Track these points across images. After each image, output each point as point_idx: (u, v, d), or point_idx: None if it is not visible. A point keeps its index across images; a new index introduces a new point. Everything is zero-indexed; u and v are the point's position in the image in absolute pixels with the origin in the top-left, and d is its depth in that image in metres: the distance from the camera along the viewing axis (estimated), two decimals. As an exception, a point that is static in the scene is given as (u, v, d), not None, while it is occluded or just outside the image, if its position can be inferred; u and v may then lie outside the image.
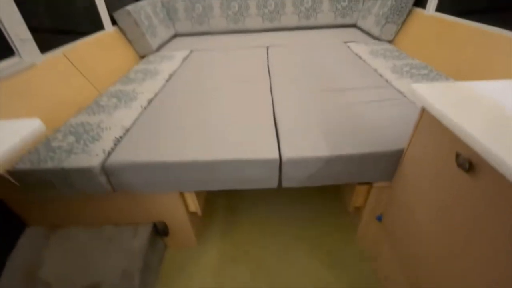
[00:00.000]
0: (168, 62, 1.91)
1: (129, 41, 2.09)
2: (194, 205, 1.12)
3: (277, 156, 0.91)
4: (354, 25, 2.61)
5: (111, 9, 1.94)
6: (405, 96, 1.24)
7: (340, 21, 2.58)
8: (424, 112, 0.74)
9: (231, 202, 1.55)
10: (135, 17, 1.97)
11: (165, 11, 2.52)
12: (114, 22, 2.01)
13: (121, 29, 2.04)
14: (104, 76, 1.65)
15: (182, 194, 1.07)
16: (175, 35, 2.69)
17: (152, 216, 1.14)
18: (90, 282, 1.03)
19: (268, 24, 2.61)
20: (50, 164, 0.93)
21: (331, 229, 1.34)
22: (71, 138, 1.07)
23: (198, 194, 1.12)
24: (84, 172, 0.92)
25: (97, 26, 1.86)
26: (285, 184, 0.98)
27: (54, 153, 0.99)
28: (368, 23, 2.28)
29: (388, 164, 0.93)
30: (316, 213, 1.44)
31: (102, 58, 1.73)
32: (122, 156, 0.95)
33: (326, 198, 1.53)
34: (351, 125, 1.03)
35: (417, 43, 1.85)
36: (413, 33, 1.94)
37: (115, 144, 1.04)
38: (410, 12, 2.03)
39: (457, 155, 0.61)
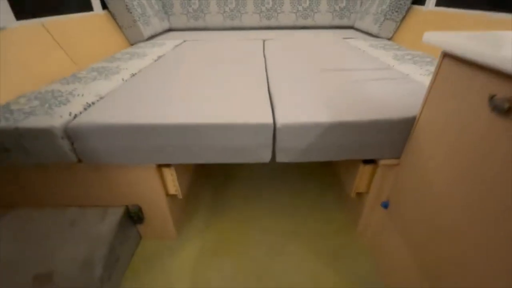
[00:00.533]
0: (159, 48, 1.81)
1: (120, 27, 1.99)
2: (173, 185, 0.97)
3: (271, 121, 0.79)
4: (351, 27, 2.59)
5: (102, -8, 1.87)
6: (410, 77, 1.15)
7: (337, 22, 2.56)
8: (443, 61, 0.63)
9: (217, 189, 1.40)
10: (126, 2, 1.89)
11: (161, 4, 2.47)
12: (105, 7, 1.93)
13: (111, 14, 1.95)
14: (88, 55, 1.53)
15: (159, 170, 0.93)
16: (169, 30, 2.62)
17: (124, 197, 0.98)
18: (41, 272, 0.85)
19: (265, 22, 2.57)
20: (3, 124, 0.79)
21: (329, 219, 1.20)
22: (35, 103, 0.93)
23: (179, 175, 0.98)
24: (43, 134, 0.78)
25: (85, 7, 1.77)
26: (279, 157, 0.85)
27: (11, 114, 0.84)
28: (366, 22, 2.26)
29: (396, 135, 0.81)
30: (313, 202, 1.30)
31: (87, 37, 1.62)
32: (90, 117, 0.82)
33: (325, 184, 1.41)
34: (354, 97, 0.92)
35: (417, 39, 1.80)
36: (412, 29, 1.90)
37: (85, 109, 0.90)
38: (408, 10, 2.01)
39: (491, 97, 0.50)
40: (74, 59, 1.44)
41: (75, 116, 0.85)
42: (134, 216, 1.01)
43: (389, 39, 2.08)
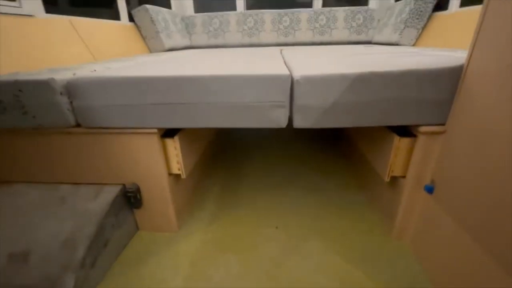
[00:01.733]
0: (177, 53, 1.86)
1: (143, 38, 2.10)
2: (176, 161, 0.86)
3: (287, 72, 0.69)
4: (369, 42, 2.58)
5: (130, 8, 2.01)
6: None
7: (355, 37, 2.56)
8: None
9: (228, 181, 1.27)
10: (152, 15, 2.01)
11: (184, 25, 2.62)
12: (131, 20, 2.06)
13: (137, 26, 2.07)
14: (108, 54, 1.58)
15: (161, 142, 0.83)
16: (191, 47, 2.74)
17: (123, 174, 0.88)
18: (17, 251, 0.73)
19: (282, 39, 2.62)
20: (3, 78, 0.75)
21: (356, 214, 1.01)
22: (45, 71, 0.91)
23: (184, 151, 0.88)
24: (42, 87, 0.73)
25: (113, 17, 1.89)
26: (297, 121, 0.73)
27: (16, 74, 0.81)
28: (385, 34, 2.23)
29: (439, 91, 0.67)
30: (336, 194, 1.14)
31: (110, 40, 1.69)
32: (91, 74, 0.76)
33: (349, 172, 1.27)
34: (386, 63, 0.81)
35: (443, 44, 1.71)
36: (437, 35, 1.83)
37: (90, 72, 0.86)
38: (429, 18, 1.96)
39: None
40: (95, 56, 1.48)
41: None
42: (131, 197, 0.88)
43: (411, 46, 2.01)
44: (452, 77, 0.66)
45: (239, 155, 1.56)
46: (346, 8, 2.49)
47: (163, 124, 0.76)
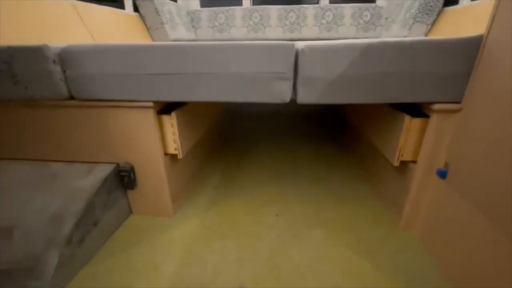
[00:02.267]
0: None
1: (148, 29, 2.08)
2: (173, 140, 0.82)
3: (291, 43, 0.65)
4: (377, 40, 2.53)
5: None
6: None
7: (362, 34, 2.52)
8: None
9: (229, 168, 1.23)
10: (157, 5, 2.00)
11: (190, 18, 2.61)
12: (136, 10, 2.04)
13: (141, 17, 2.06)
14: (112, 41, 1.56)
15: (158, 119, 0.79)
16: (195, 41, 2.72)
17: (117, 153, 0.84)
18: (2, 225, 0.69)
19: (288, 35, 2.59)
20: (-4, 45, 0.72)
21: (362, 202, 0.96)
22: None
23: (182, 130, 0.84)
24: (35, 54, 0.69)
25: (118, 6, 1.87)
26: (301, 96, 0.68)
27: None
28: (393, 30, 2.18)
29: (455, 64, 0.63)
30: (340, 184, 1.09)
31: (113, 28, 1.67)
32: (86, 43, 0.73)
33: (355, 163, 1.22)
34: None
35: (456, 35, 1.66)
36: (447, 30, 1.78)
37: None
38: (439, 13, 1.91)
39: None
40: (97, 41, 1.45)
41: (74, 47, 0.77)
42: (124, 176, 0.84)
43: (420, 42, 1.96)
44: (469, 49, 0.61)
45: (241, 143, 1.52)
46: (354, 4, 2.46)
47: (159, 96, 0.73)
